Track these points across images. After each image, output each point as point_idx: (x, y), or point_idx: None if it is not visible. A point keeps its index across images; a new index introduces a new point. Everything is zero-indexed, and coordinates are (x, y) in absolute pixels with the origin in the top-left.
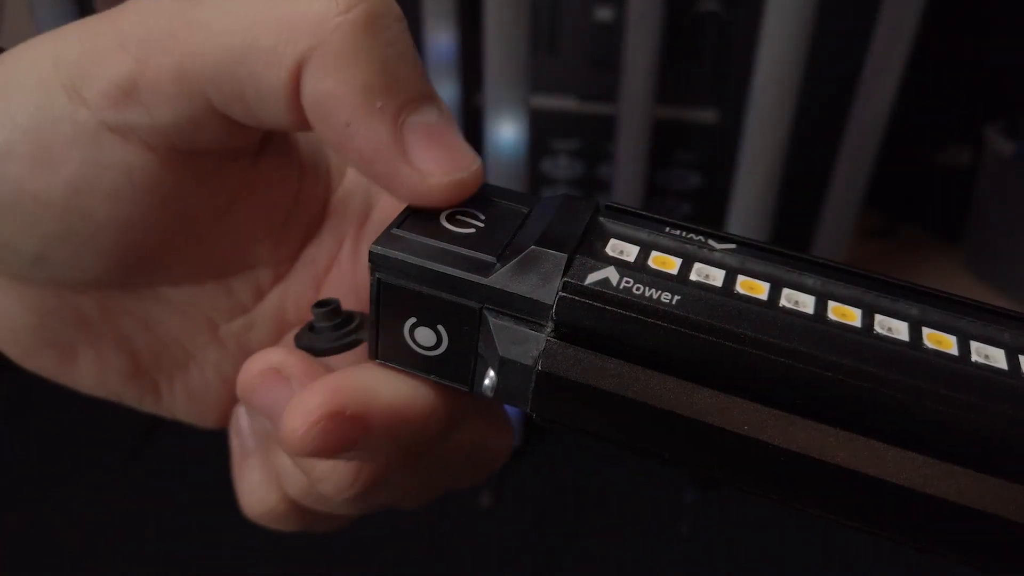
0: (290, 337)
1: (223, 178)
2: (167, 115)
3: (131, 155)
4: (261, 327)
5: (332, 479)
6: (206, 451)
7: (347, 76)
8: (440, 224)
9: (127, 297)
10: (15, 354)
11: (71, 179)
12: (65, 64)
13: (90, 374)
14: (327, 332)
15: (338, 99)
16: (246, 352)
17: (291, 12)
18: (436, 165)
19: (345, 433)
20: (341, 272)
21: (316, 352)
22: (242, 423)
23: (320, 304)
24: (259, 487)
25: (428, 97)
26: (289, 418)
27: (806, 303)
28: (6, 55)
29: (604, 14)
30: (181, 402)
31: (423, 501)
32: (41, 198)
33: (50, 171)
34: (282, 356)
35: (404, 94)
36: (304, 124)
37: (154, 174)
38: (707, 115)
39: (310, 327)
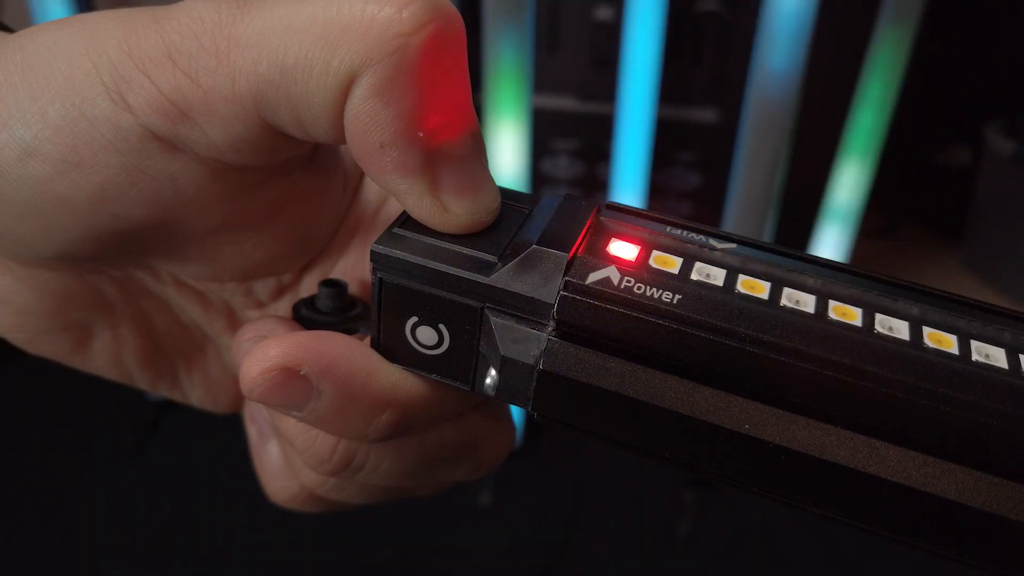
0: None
1: (269, 188)
2: (220, 134)
3: (178, 165)
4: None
5: (311, 451)
6: (205, 450)
7: (395, 100)
8: None
9: (149, 279)
10: (21, 340)
11: (103, 184)
12: (106, 62)
13: (105, 356)
14: (328, 313)
15: (380, 121)
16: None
17: (346, 21)
18: (460, 204)
19: (293, 390)
20: (344, 274)
21: (309, 327)
22: (257, 410)
23: (327, 283)
24: (280, 473)
25: (468, 126)
26: (248, 361)
27: (807, 302)
28: (31, 35)
29: (604, 14)
30: (197, 386)
31: (426, 490)
32: (67, 200)
33: (79, 174)
34: (280, 349)
35: (447, 125)
36: (343, 138)
37: (200, 184)
38: (707, 115)
39: (311, 302)
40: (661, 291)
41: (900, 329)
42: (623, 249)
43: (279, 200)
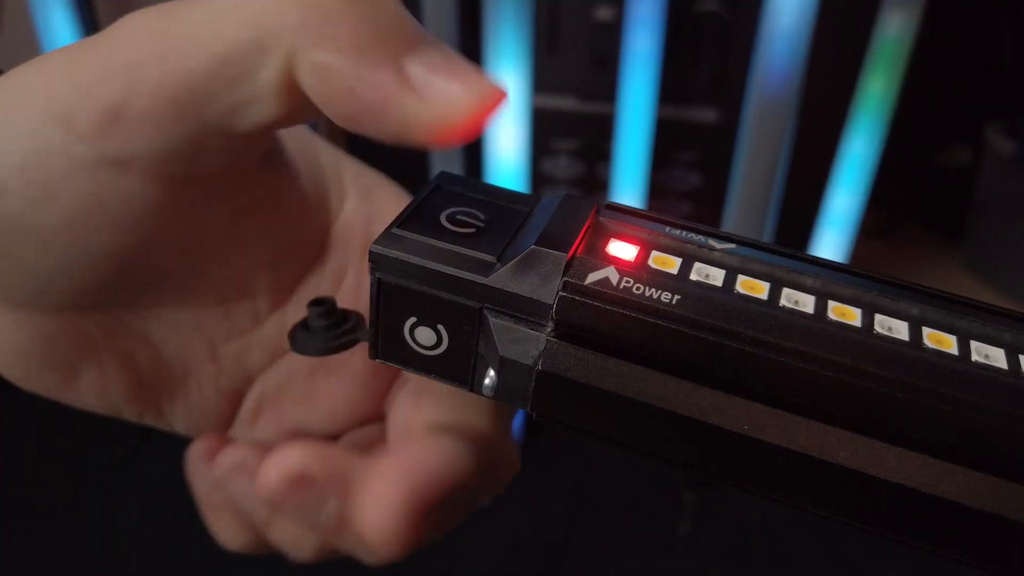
0: (289, 408)
1: (225, 202)
2: (162, 140)
3: (131, 185)
4: (258, 348)
5: (381, 542)
6: None
7: (339, 42)
8: (440, 223)
9: (129, 316)
10: (16, 377)
11: (69, 213)
12: (55, 95)
13: (92, 392)
14: (322, 331)
15: (335, 67)
16: (244, 371)
17: None
18: (450, 93)
19: (426, 519)
20: (345, 302)
21: (311, 354)
22: (204, 479)
23: (316, 302)
24: (231, 527)
25: (425, 40)
26: (369, 513)
27: (806, 302)
28: (1, 79)
29: (604, 14)
30: (181, 416)
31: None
32: (40, 233)
33: (47, 206)
34: (300, 456)
35: (400, 42)
36: (297, 112)
37: (156, 201)
38: (707, 115)
39: (304, 325)
40: (660, 291)
41: (900, 329)
42: (622, 249)
43: (236, 214)
